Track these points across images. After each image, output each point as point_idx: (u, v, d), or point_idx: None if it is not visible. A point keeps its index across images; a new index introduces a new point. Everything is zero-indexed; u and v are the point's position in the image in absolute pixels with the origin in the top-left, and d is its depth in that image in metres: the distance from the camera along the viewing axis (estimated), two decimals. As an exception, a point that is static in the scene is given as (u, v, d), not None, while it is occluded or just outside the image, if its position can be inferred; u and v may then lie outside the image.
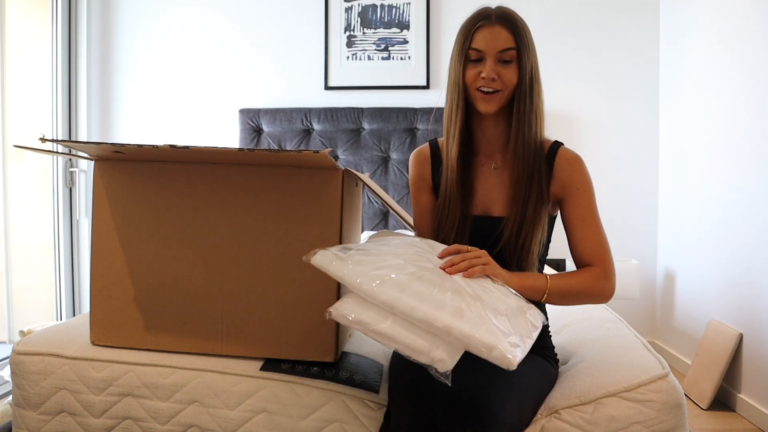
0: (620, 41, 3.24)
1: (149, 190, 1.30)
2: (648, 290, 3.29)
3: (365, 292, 0.99)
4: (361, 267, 1.02)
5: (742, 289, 2.46)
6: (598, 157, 3.28)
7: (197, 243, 1.29)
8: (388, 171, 3.21)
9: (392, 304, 0.97)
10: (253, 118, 3.26)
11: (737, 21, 2.51)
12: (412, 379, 1.08)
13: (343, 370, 1.27)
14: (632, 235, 3.28)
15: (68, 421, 1.28)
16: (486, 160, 1.32)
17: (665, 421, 1.14)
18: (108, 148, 1.18)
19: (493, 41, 1.19)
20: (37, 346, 1.33)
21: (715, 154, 2.67)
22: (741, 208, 2.46)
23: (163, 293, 1.30)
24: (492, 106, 1.22)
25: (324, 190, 1.24)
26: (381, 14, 3.29)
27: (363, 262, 1.04)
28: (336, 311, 1.02)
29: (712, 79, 2.70)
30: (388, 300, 0.98)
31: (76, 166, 3.29)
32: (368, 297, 0.99)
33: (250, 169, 1.27)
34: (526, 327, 1.04)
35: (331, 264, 1.05)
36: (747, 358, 2.40)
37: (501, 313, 1.01)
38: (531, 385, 1.15)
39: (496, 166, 1.31)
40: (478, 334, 0.94)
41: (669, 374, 1.19)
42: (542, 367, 1.24)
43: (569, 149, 1.30)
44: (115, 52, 3.43)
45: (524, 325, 1.04)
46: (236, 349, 1.29)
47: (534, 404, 1.16)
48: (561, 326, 1.67)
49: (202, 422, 1.24)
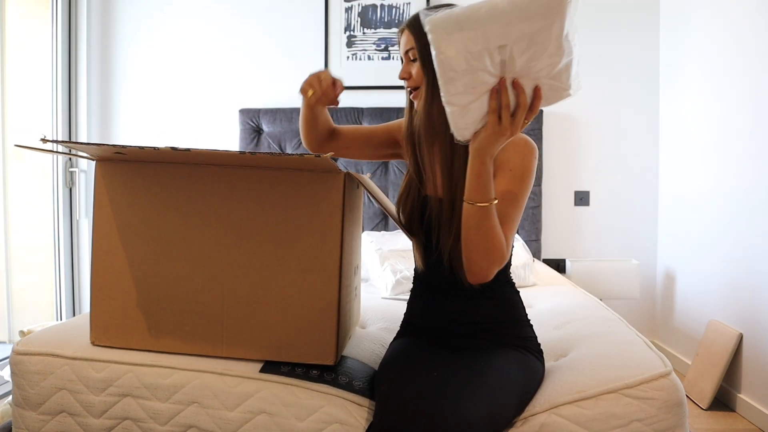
0: (620, 41, 3.24)
1: (150, 190, 1.30)
2: (648, 290, 3.29)
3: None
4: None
5: (742, 289, 2.45)
6: (598, 157, 3.28)
7: (198, 244, 1.29)
8: (388, 171, 3.21)
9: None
10: (253, 118, 3.26)
11: (738, 21, 2.51)
12: (391, 384, 1.11)
13: (343, 375, 1.27)
14: (632, 235, 3.28)
15: (68, 422, 1.28)
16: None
17: (666, 419, 1.13)
18: (109, 150, 1.18)
19: (402, 47, 1.29)
20: (37, 346, 1.33)
21: (715, 154, 2.67)
22: (741, 208, 2.46)
23: (163, 294, 1.30)
24: (418, 102, 1.27)
25: (325, 194, 1.24)
26: (381, 14, 3.29)
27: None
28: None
29: (713, 79, 2.70)
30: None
31: (76, 166, 3.29)
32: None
33: (252, 171, 1.27)
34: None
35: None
36: (747, 358, 2.39)
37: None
38: (510, 384, 1.14)
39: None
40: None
41: (671, 372, 1.19)
42: (523, 361, 1.23)
43: (524, 136, 1.26)
44: (115, 52, 3.43)
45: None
46: (236, 351, 1.29)
47: (516, 402, 1.14)
48: (561, 323, 1.67)
49: (201, 423, 1.24)
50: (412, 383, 1.09)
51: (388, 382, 1.14)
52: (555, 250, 3.31)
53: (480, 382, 1.09)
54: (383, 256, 2.50)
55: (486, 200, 1.11)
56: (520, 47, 0.96)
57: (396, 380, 1.12)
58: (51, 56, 3.19)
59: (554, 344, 1.48)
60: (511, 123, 1.03)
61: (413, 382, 1.09)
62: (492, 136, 1.05)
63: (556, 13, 0.94)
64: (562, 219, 3.30)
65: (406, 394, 1.06)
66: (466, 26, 0.95)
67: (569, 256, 3.28)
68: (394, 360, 1.24)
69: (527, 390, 1.19)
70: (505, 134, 1.04)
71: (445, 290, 1.31)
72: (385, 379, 1.16)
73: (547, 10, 0.93)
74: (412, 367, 1.17)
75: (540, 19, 0.94)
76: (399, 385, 1.10)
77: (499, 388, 1.11)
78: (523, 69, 0.99)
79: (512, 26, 0.94)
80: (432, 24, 0.97)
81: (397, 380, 1.12)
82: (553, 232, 3.30)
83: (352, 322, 1.46)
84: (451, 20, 0.96)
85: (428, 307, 1.34)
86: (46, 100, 3.19)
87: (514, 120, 1.03)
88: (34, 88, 3.14)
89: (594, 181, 3.29)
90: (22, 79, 3.01)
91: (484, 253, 1.14)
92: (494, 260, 1.15)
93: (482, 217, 1.11)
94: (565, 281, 2.53)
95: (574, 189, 3.30)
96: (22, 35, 3.04)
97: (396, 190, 3.17)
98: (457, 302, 1.30)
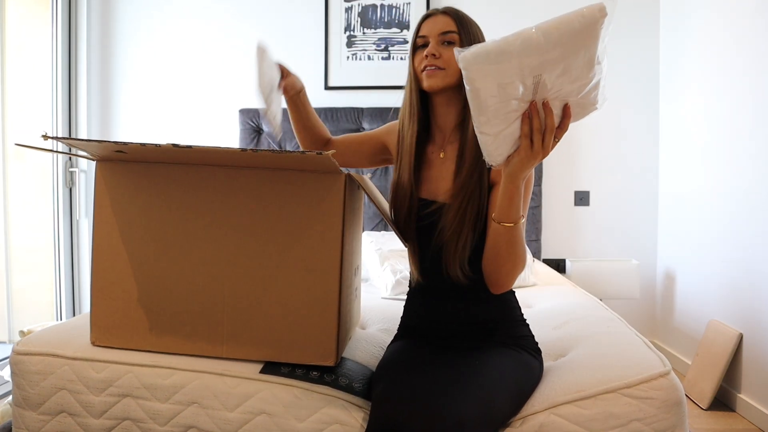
0: (620, 41, 3.24)
1: (151, 191, 1.30)
2: (648, 290, 3.29)
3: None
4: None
5: (742, 289, 2.46)
6: (598, 157, 3.28)
7: (199, 245, 1.29)
8: (389, 171, 3.21)
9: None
10: (253, 118, 3.26)
11: (738, 21, 2.50)
12: (387, 385, 1.11)
13: (343, 377, 1.27)
14: (632, 235, 3.29)
15: (68, 422, 1.28)
16: (437, 149, 1.36)
17: (665, 419, 1.13)
18: (110, 147, 1.18)
19: (435, 26, 1.28)
20: (37, 346, 1.33)
21: (716, 154, 2.67)
22: (741, 208, 2.46)
23: (163, 295, 1.30)
24: (434, 81, 1.26)
25: (326, 194, 1.24)
26: (381, 14, 3.29)
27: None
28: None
29: (713, 79, 2.70)
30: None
31: (76, 166, 3.29)
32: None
33: (253, 172, 1.26)
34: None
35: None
36: (747, 358, 2.39)
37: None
38: (506, 383, 1.14)
39: (444, 155, 1.35)
40: None
41: (670, 372, 1.19)
42: (520, 359, 1.23)
43: None
44: (115, 52, 3.43)
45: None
46: (237, 351, 1.29)
47: (512, 401, 1.15)
48: (560, 323, 1.67)
49: (201, 423, 1.24)
50: (407, 384, 1.09)
51: (383, 383, 1.14)
52: (555, 250, 3.31)
53: (475, 381, 1.09)
54: (383, 256, 2.50)
55: (516, 220, 1.13)
56: (553, 74, 0.96)
57: (392, 380, 1.13)
58: (51, 56, 3.19)
59: (554, 344, 1.48)
60: (543, 145, 1.03)
61: (408, 383, 1.09)
62: (524, 159, 1.05)
63: (590, 39, 0.93)
64: (562, 219, 3.30)
65: (402, 394, 1.06)
66: (500, 60, 0.94)
67: (569, 256, 3.28)
68: (390, 362, 1.24)
69: (524, 387, 1.19)
70: (537, 157, 1.05)
71: (441, 292, 1.32)
72: (381, 380, 1.17)
73: (581, 38, 0.93)
74: (407, 368, 1.17)
75: (574, 47, 0.93)
76: (394, 385, 1.10)
77: (495, 387, 1.11)
78: (554, 92, 0.99)
79: (546, 56, 0.94)
80: (465, 60, 0.96)
81: (392, 381, 1.12)
82: (553, 232, 3.30)
83: (352, 322, 1.46)
84: (485, 55, 0.95)
85: (424, 309, 1.35)
86: (46, 100, 3.19)
87: (544, 142, 1.03)
88: (34, 88, 3.14)
89: (594, 181, 3.29)
90: (22, 79, 3.01)
91: (512, 268, 1.19)
92: (518, 273, 1.21)
93: (513, 235, 1.14)
94: (565, 281, 2.53)
95: (574, 189, 3.30)
96: (22, 35, 3.04)
97: (396, 190, 3.17)
98: (453, 304, 1.30)
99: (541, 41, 0.92)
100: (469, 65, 0.96)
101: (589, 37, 0.92)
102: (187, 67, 3.40)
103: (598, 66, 0.97)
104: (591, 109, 1.04)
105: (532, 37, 0.93)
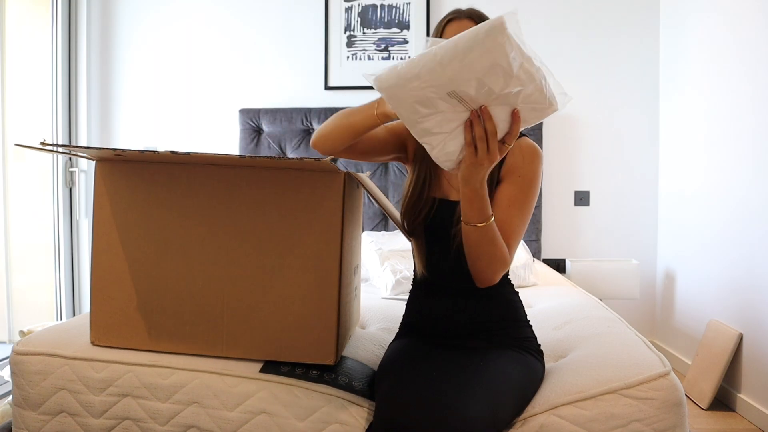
0: (620, 40, 3.24)
1: (151, 191, 1.30)
2: (648, 290, 3.29)
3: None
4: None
5: (742, 289, 2.45)
6: (598, 157, 3.28)
7: (198, 244, 1.29)
8: (388, 171, 3.21)
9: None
10: (253, 118, 3.26)
11: (738, 21, 2.51)
12: (391, 384, 1.11)
13: (343, 376, 1.27)
14: (632, 235, 3.29)
15: (68, 422, 1.28)
16: None
17: (665, 419, 1.13)
18: (109, 153, 1.18)
19: (461, 31, 1.23)
20: (37, 346, 1.33)
21: (715, 154, 2.67)
22: (741, 208, 2.46)
23: (163, 295, 1.30)
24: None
25: (325, 194, 1.24)
26: (381, 14, 3.29)
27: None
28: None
29: (713, 78, 2.70)
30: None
31: (76, 166, 3.29)
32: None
33: (252, 171, 1.27)
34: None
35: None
36: (747, 358, 2.39)
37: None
38: (510, 384, 1.14)
39: None
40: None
41: (670, 372, 1.19)
42: (523, 361, 1.23)
43: (531, 141, 1.28)
44: (115, 51, 3.43)
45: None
46: (236, 351, 1.29)
47: (515, 402, 1.15)
48: (561, 323, 1.67)
49: (201, 423, 1.24)
50: (411, 383, 1.09)
51: (388, 383, 1.14)
52: (555, 250, 3.31)
53: (479, 382, 1.09)
54: (383, 256, 2.50)
55: (482, 221, 1.13)
56: (471, 88, 0.96)
57: (396, 381, 1.13)
58: (51, 56, 3.19)
59: (554, 344, 1.48)
60: (488, 152, 1.03)
61: (413, 383, 1.09)
62: (471, 167, 1.05)
63: (496, 51, 0.92)
64: (562, 219, 3.30)
65: (406, 395, 1.06)
66: (409, 80, 0.95)
67: (569, 256, 3.28)
68: (393, 361, 1.24)
69: (527, 390, 1.19)
70: (483, 164, 1.05)
71: (445, 291, 1.32)
72: (385, 380, 1.17)
73: (484, 51, 0.92)
74: (411, 368, 1.17)
75: (479, 61, 0.93)
76: (399, 385, 1.10)
77: (499, 388, 1.11)
78: (488, 101, 0.99)
79: (449, 72, 0.94)
80: (379, 82, 0.97)
81: (396, 381, 1.12)
82: (553, 232, 3.30)
83: (352, 322, 1.46)
84: (395, 77, 0.96)
85: (427, 307, 1.34)
86: (46, 100, 3.19)
87: (489, 148, 1.03)
88: (34, 89, 3.14)
89: (594, 181, 3.29)
90: (22, 79, 3.01)
91: (487, 264, 1.18)
92: (497, 269, 1.20)
93: (481, 235, 1.14)
94: (565, 281, 2.53)
95: (574, 189, 3.30)
96: (22, 35, 3.04)
97: (396, 190, 3.17)
98: (456, 303, 1.30)
99: (442, 58, 0.93)
100: (382, 88, 0.98)
101: (494, 49, 0.92)
102: (187, 67, 3.40)
103: (525, 73, 0.96)
104: (550, 111, 1.04)
105: (433, 55, 0.94)
